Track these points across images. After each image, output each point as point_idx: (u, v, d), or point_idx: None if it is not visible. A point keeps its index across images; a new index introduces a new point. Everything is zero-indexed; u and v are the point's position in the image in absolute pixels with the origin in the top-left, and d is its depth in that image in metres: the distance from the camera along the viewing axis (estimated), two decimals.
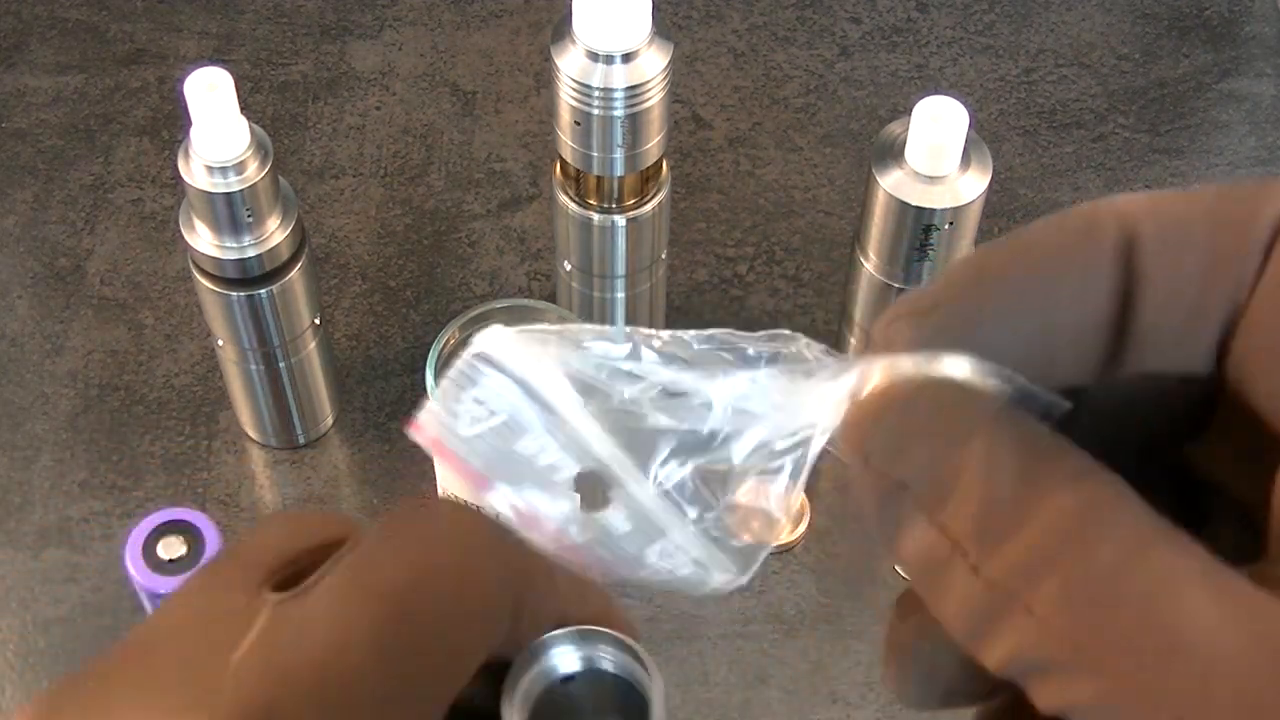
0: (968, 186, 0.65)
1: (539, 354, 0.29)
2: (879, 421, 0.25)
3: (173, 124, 0.88)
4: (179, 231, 0.65)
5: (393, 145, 0.87)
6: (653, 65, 0.63)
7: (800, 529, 0.72)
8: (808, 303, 0.82)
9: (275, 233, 0.65)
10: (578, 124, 0.65)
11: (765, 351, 0.28)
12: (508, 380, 0.29)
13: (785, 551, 0.72)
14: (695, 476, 0.28)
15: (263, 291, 0.67)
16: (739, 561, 0.29)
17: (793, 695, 0.68)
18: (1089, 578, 0.22)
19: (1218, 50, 0.93)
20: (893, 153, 0.66)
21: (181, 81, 0.60)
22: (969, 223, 0.66)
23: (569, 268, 0.72)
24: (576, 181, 0.68)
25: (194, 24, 0.93)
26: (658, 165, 0.69)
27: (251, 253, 0.65)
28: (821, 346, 0.27)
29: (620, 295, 0.73)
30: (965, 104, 0.64)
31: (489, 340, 0.29)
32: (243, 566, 0.39)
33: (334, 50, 0.92)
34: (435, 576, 0.40)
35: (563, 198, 0.69)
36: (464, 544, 0.42)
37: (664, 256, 0.73)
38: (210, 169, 0.62)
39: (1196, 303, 0.24)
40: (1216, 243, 0.24)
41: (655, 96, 0.64)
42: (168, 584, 0.55)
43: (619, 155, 0.66)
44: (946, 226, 0.66)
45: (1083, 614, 0.22)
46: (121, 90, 0.89)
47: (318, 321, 0.71)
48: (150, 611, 0.57)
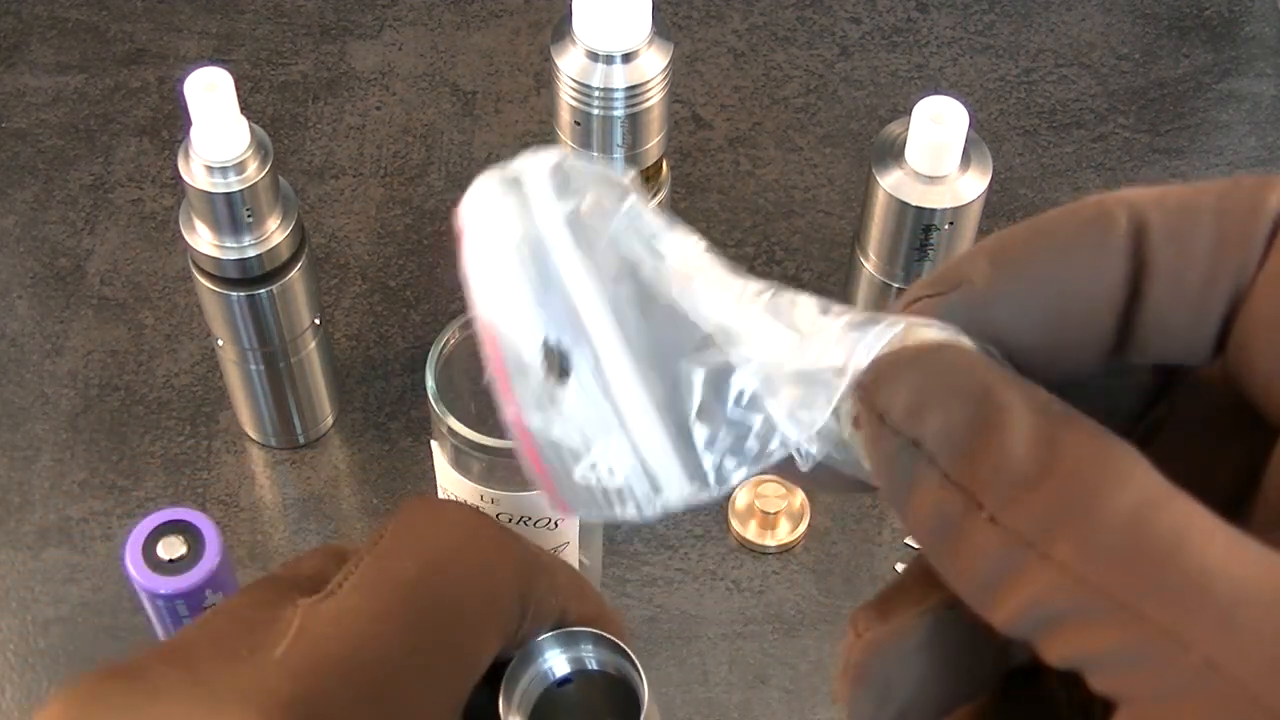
0: (968, 186, 0.65)
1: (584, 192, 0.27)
2: (896, 380, 0.25)
3: (173, 124, 0.88)
4: (179, 231, 0.65)
5: (393, 145, 0.87)
6: (653, 65, 0.63)
7: (800, 529, 0.72)
8: None
9: (275, 233, 0.65)
10: (578, 124, 0.65)
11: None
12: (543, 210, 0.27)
13: (785, 551, 0.72)
14: (716, 373, 0.26)
15: (263, 291, 0.67)
16: (710, 476, 0.26)
17: (793, 695, 0.68)
18: (1113, 525, 0.22)
19: (1218, 50, 0.93)
20: (893, 153, 0.66)
21: (181, 81, 0.60)
22: (969, 223, 0.67)
23: None
24: None
25: (194, 24, 0.93)
26: (658, 165, 0.69)
27: (251, 253, 0.65)
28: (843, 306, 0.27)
29: None
30: (965, 104, 0.64)
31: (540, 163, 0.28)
32: (278, 585, 0.40)
33: (334, 50, 0.92)
34: (451, 567, 0.42)
35: None
36: (474, 539, 0.43)
37: None
38: (210, 169, 0.62)
39: (1201, 291, 0.25)
40: (1222, 232, 0.25)
41: (655, 96, 0.64)
42: (168, 584, 0.55)
43: (619, 155, 0.66)
44: (946, 226, 0.66)
45: (1108, 560, 0.22)
46: (121, 90, 0.89)
47: (318, 321, 0.71)
48: (150, 611, 0.57)
